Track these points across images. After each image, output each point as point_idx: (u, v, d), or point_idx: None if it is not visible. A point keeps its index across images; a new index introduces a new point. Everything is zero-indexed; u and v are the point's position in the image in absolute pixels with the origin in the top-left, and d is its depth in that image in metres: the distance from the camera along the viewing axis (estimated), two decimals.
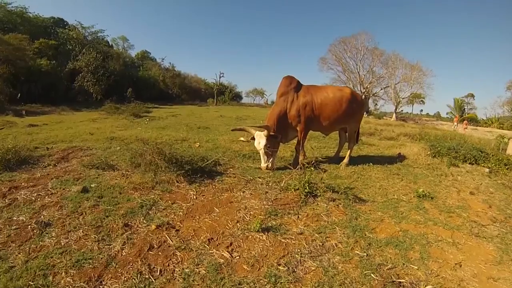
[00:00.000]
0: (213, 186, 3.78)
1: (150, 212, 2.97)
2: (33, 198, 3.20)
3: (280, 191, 3.76)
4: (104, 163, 4.30)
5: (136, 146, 4.32)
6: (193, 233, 2.61)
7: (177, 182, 3.77)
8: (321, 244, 2.59)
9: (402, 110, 43.50)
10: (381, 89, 37.80)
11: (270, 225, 2.84)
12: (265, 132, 4.45)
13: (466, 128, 23.88)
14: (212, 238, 2.53)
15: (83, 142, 6.21)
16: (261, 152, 4.57)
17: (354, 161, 5.70)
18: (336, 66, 38.06)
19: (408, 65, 35.23)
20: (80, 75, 22.87)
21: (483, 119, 37.37)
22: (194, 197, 3.42)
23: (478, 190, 4.59)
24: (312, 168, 3.69)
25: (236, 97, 44.35)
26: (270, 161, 4.63)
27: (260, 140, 4.49)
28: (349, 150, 5.67)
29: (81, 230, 2.56)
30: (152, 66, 36.50)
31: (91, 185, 3.59)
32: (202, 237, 2.55)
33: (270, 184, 4.02)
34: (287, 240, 2.61)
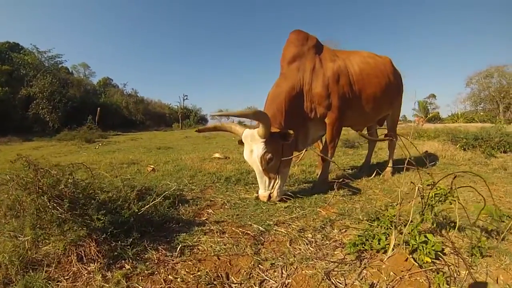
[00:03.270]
0: (170, 274, 1.35)
1: None
2: None
3: (347, 254, 1.45)
4: None
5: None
6: None
7: (80, 261, 1.39)
8: None
9: None
10: None
11: None
12: (261, 129, 2.15)
13: (422, 124, 23.88)
14: None
15: None
16: (257, 169, 2.31)
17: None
18: None
19: None
20: (34, 102, 20.36)
21: (448, 116, 38.32)
22: None
23: None
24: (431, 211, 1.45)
25: (201, 120, 42.65)
26: (276, 185, 2.35)
27: (254, 146, 2.24)
28: (391, 151, 3.80)
29: None
30: (114, 93, 34.45)
31: None
32: None
33: (310, 237, 1.70)
34: None
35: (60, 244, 1.48)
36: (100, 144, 10.01)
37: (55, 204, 1.45)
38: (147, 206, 1.67)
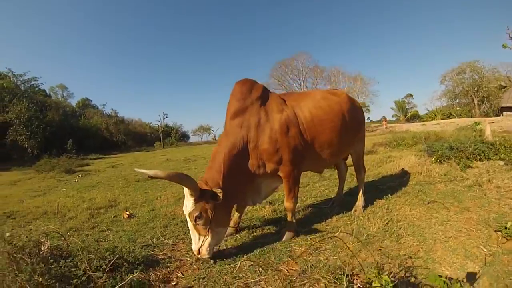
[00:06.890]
0: None
1: None
2: None
3: None
4: None
5: None
6: None
7: None
8: None
9: None
10: None
11: None
12: (190, 190, 2.25)
13: (386, 127, 24.20)
14: None
15: None
16: (189, 222, 2.35)
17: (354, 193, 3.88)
18: (279, 89, 36.91)
19: (350, 77, 35.87)
20: (11, 128, 19.89)
21: (426, 114, 38.97)
22: None
23: None
24: None
25: (183, 137, 42.36)
26: (205, 242, 2.33)
27: (186, 202, 2.33)
28: (360, 185, 3.66)
29: None
30: (93, 114, 34.30)
31: None
32: None
33: None
34: None
35: None
36: (80, 175, 9.93)
37: None
38: None
